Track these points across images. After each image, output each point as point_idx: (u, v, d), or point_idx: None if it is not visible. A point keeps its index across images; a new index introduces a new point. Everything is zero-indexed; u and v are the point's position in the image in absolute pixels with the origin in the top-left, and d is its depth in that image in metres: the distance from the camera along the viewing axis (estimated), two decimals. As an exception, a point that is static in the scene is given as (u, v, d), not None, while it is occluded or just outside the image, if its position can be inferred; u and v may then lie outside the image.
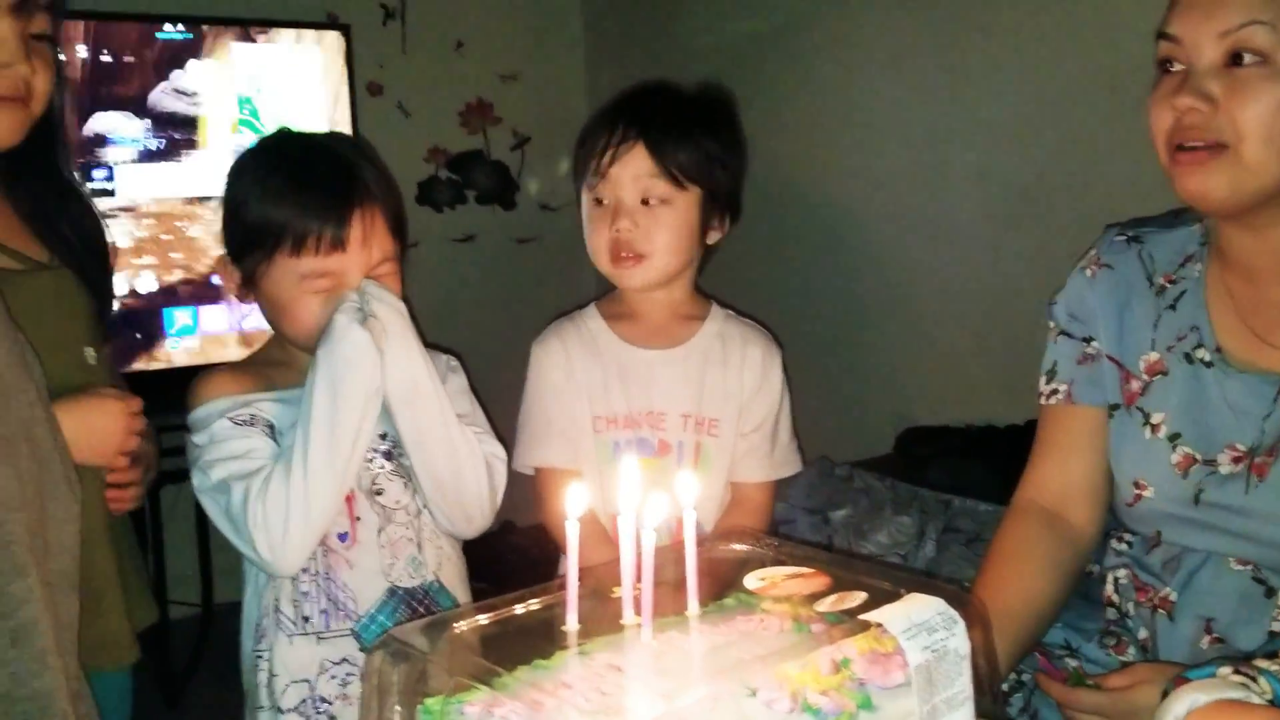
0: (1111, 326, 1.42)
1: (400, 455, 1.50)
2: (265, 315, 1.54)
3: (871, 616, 0.88)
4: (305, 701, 1.45)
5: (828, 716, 0.81)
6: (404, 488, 1.50)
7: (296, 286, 1.46)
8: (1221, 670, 0.89)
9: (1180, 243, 1.40)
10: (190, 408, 1.48)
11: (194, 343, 3.26)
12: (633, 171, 1.59)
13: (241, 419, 1.44)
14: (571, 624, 0.91)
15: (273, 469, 1.40)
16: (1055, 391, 1.47)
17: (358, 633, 1.46)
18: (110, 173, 3.13)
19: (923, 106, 2.98)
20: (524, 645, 0.89)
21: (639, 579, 0.90)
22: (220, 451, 1.43)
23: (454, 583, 1.55)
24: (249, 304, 1.54)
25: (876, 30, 3.08)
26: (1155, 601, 1.36)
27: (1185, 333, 1.36)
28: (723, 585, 1.00)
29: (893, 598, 0.91)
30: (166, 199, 3.21)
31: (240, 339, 2.91)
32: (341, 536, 1.47)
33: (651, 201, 1.59)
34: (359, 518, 1.48)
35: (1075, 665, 1.40)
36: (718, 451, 1.66)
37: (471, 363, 1.63)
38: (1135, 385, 1.39)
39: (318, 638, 1.46)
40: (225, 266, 1.54)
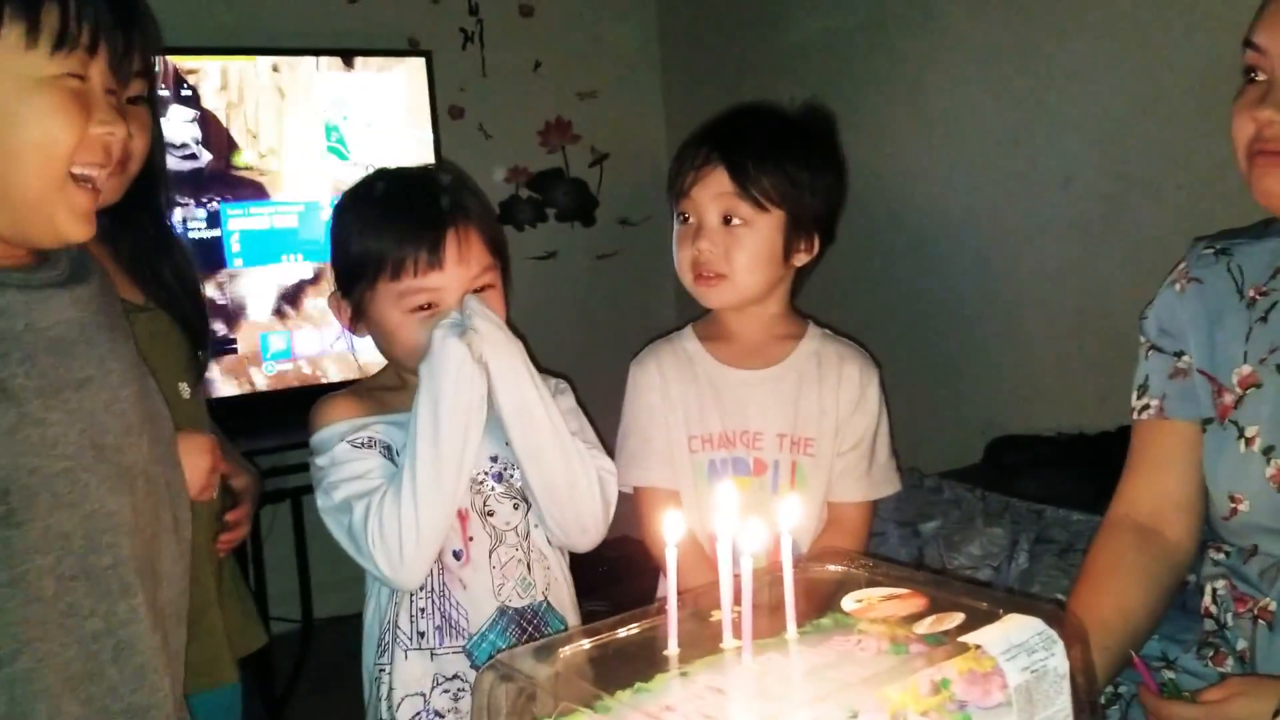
0: (1203, 340, 1.40)
1: (511, 477, 1.54)
2: (377, 345, 1.59)
3: (970, 638, 0.89)
4: (420, 714, 1.50)
5: (929, 738, 0.82)
6: (514, 509, 1.54)
7: (399, 309, 1.51)
8: None
9: (1270, 254, 1.38)
10: (311, 432, 1.54)
11: (288, 366, 3.35)
12: (713, 192, 1.61)
13: (359, 441, 1.50)
14: (672, 647, 0.93)
15: (387, 487, 1.45)
16: (1147, 407, 1.46)
17: (469, 650, 1.51)
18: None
19: (1006, 109, 2.96)
20: (626, 668, 0.90)
21: (737, 602, 0.92)
22: (341, 473, 1.48)
23: (563, 603, 1.58)
24: (361, 335, 1.60)
25: (958, 33, 3.06)
26: (1255, 611, 1.34)
27: (1277, 345, 1.34)
28: (819, 607, 1.01)
29: (990, 618, 0.92)
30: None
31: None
32: (456, 554, 1.51)
33: (734, 221, 1.61)
34: (472, 537, 1.52)
35: (1170, 677, 1.39)
36: (814, 471, 1.66)
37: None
38: (1228, 399, 1.37)
39: (431, 654, 1.51)
40: (336, 301, 1.60)
